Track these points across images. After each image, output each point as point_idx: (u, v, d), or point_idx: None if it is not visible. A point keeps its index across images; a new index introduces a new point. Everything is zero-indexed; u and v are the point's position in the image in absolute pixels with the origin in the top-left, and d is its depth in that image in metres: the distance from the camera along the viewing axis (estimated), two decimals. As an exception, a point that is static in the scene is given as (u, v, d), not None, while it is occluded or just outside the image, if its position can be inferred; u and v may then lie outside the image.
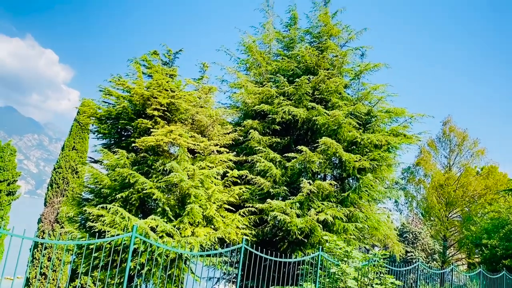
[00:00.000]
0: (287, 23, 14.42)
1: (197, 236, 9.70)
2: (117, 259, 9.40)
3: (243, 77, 12.88)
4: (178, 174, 9.49)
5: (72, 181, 23.75)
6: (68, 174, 24.09)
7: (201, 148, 10.67)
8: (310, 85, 12.00)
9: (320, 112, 11.49)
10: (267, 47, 13.90)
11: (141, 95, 10.54)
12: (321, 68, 12.39)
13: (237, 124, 12.58)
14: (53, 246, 22.12)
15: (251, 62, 13.49)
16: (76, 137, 24.69)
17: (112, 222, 9.40)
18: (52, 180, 24.34)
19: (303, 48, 12.44)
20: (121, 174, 9.78)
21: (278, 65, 12.88)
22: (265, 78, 13.04)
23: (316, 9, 13.68)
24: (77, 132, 24.58)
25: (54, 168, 24.91)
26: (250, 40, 13.48)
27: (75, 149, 24.56)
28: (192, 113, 11.21)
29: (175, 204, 9.96)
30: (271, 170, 11.04)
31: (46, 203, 24.02)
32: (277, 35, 14.04)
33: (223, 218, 10.57)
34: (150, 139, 9.82)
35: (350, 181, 12.23)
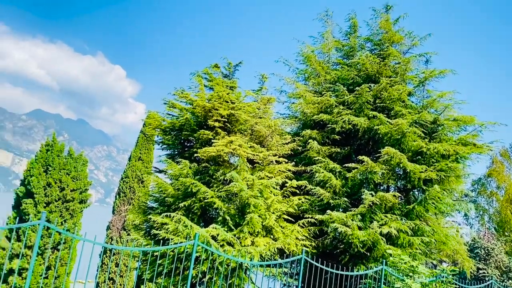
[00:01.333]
0: (347, 32, 14.22)
1: (257, 246, 9.73)
2: (180, 266, 9.65)
3: (302, 87, 12.85)
4: (238, 184, 9.61)
5: (138, 190, 24.85)
6: (135, 184, 25.25)
7: (260, 158, 10.75)
8: (371, 94, 11.71)
9: (382, 121, 11.15)
10: (326, 56, 13.79)
11: (203, 107, 10.85)
12: (382, 76, 12.06)
13: (295, 134, 12.54)
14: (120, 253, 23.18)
15: (309, 72, 13.43)
16: (142, 148, 25.88)
17: (176, 230, 9.68)
18: (119, 189, 25.63)
19: (364, 56, 12.19)
20: (184, 183, 10.08)
21: (338, 74, 12.72)
22: (324, 87, 12.92)
23: (377, 16, 13.38)
24: (142, 143, 25.76)
25: (121, 178, 26.23)
26: (308, 50, 13.44)
27: (141, 160, 25.73)
28: (251, 123, 11.34)
29: (235, 213, 10.08)
30: (330, 180, 10.86)
31: (114, 211, 25.31)
32: (336, 44, 13.89)
33: (282, 229, 10.53)
34: (211, 150, 10.05)
35: (415, 193, 11.71)
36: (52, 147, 19.30)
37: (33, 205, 18.13)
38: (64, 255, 18.87)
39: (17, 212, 18.34)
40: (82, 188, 19.71)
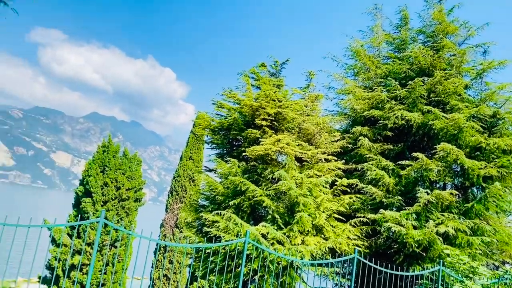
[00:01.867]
0: (397, 24, 13.74)
1: (307, 245, 9.64)
2: (231, 264, 9.75)
3: (351, 83, 12.57)
4: (286, 182, 9.56)
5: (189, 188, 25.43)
6: (186, 182, 25.87)
7: (308, 156, 10.63)
8: (425, 88, 11.25)
9: (438, 116, 10.67)
10: (376, 50, 13.40)
11: (250, 106, 10.89)
12: (436, 68, 11.54)
13: (345, 132, 12.29)
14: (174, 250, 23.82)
15: (359, 67, 13.11)
16: (192, 148, 26.46)
17: (226, 228, 9.79)
18: (172, 188, 26.36)
19: (416, 49, 11.73)
20: (233, 182, 10.18)
21: (389, 68, 12.32)
22: (374, 82, 12.56)
23: (429, 7, 12.83)
24: (193, 143, 26.33)
25: (173, 177, 26.97)
26: (357, 44, 13.12)
27: (191, 159, 26.31)
28: (298, 121, 11.24)
29: (284, 212, 10.04)
30: (383, 178, 10.54)
31: (167, 209, 26.06)
32: (386, 38, 13.47)
33: (333, 228, 10.36)
34: (259, 148, 10.06)
35: (474, 191, 11.12)
36: (108, 148, 20.16)
37: (92, 203, 19.03)
38: (121, 252, 19.65)
39: (77, 211, 19.33)
40: (137, 187, 20.44)
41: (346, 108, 12.62)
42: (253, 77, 12.29)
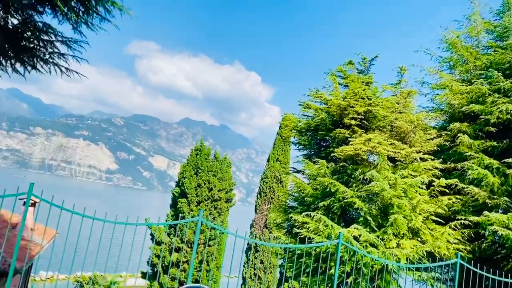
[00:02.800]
0: (499, 10, 12.57)
1: (403, 248, 9.22)
2: (322, 266, 9.66)
3: (447, 77, 11.77)
4: (379, 183, 9.23)
5: (277, 189, 25.73)
6: (274, 184, 26.20)
7: (402, 156, 10.16)
8: (533, 78, 10.17)
9: (550, 108, 9.59)
10: (474, 40, 12.41)
11: (338, 106, 10.71)
12: (547, 56, 10.37)
13: (441, 129, 11.53)
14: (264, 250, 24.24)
15: (455, 59, 12.23)
16: (279, 149, 26.73)
17: (316, 230, 9.72)
18: (260, 189, 26.87)
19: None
20: (322, 183, 10.08)
21: (490, 58, 11.32)
22: (473, 75, 11.63)
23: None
24: (279, 144, 26.59)
25: (261, 178, 27.48)
26: (453, 35, 12.25)
27: (278, 161, 26.60)
28: (390, 119, 10.80)
29: (377, 214, 9.71)
30: (486, 178, 9.70)
31: (256, 210, 26.64)
32: (486, 26, 12.40)
33: (431, 231, 9.78)
34: (348, 149, 9.85)
35: None
36: (200, 151, 21.17)
37: (187, 204, 20.11)
38: (214, 250, 20.49)
39: (174, 210, 20.56)
40: (227, 188, 21.19)
41: (442, 104, 11.84)
42: (340, 75, 12.07)
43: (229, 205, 21.11)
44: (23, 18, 6.97)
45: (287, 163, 26.50)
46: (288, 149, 26.73)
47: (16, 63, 7.27)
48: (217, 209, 20.36)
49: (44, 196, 5.96)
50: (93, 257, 7.10)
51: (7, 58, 7.10)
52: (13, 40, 6.97)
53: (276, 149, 26.86)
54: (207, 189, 20.13)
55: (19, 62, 7.25)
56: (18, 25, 6.99)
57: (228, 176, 21.45)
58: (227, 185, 20.98)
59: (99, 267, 23.63)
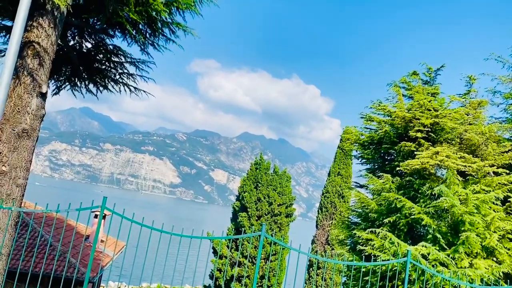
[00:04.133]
0: None
1: (476, 268, 8.63)
2: (388, 285, 9.28)
3: (523, 85, 11.02)
4: (448, 198, 8.74)
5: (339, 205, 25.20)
6: (335, 198, 25.71)
7: (473, 169, 9.57)
8: None
9: None
10: (552, 45, 11.54)
11: (403, 118, 10.35)
12: None
13: (519, 140, 10.76)
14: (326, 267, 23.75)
15: (531, 66, 11.43)
16: (340, 163, 26.25)
17: (381, 247, 9.38)
18: (321, 204, 26.47)
19: None
20: (387, 198, 9.74)
21: None
22: (553, 82, 10.79)
23: None
24: (340, 158, 26.12)
25: (322, 193, 27.08)
26: (528, 41, 11.48)
27: (339, 175, 26.10)
28: (459, 131, 10.25)
29: (446, 231, 9.18)
30: None
31: (318, 225, 26.20)
32: None
33: (508, 250, 9.08)
34: (414, 162, 9.46)
35: None
36: (260, 166, 21.30)
37: (247, 218, 20.25)
38: (275, 265, 20.38)
39: (234, 224, 20.78)
40: (287, 202, 21.09)
41: (518, 114, 11.07)
42: (404, 87, 11.70)
43: (290, 220, 20.96)
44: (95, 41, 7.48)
45: (349, 177, 25.91)
46: (350, 163, 26.15)
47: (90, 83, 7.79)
48: (277, 223, 20.29)
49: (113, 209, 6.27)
50: (160, 269, 7.35)
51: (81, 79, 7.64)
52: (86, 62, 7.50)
53: (337, 163, 26.40)
54: (267, 203, 20.16)
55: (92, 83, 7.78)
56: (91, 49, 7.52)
57: (288, 190, 21.35)
58: (287, 200, 20.88)
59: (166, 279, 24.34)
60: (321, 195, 26.86)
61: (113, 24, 7.31)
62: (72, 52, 7.42)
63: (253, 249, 19.05)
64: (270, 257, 20.07)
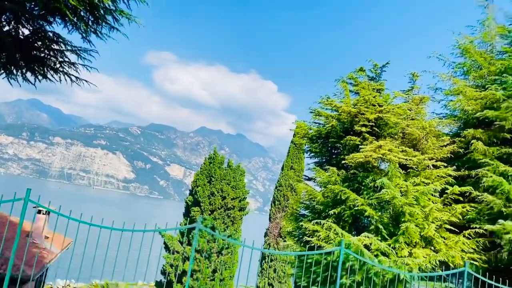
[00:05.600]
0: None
1: (415, 257, 9.03)
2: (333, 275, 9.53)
3: (460, 83, 11.59)
4: (390, 190, 9.09)
5: (291, 198, 25.57)
6: (288, 192, 26.06)
7: (413, 163, 10.00)
8: (550, 83, 9.94)
9: None
10: (488, 45, 12.20)
11: (348, 113, 10.63)
12: None
13: (455, 135, 11.33)
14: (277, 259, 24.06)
15: (469, 65, 12.04)
16: (293, 157, 26.62)
17: (327, 238, 9.62)
18: (274, 198, 26.75)
19: (537, 40, 10.43)
20: (332, 190, 9.99)
21: (504, 64, 11.11)
22: (487, 81, 11.42)
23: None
24: (293, 153, 26.49)
25: (275, 187, 27.38)
26: (466, 41, 12.07)
27: (292, 169, 26.47)
28: (402, 126, 10.67)
29: (388, 222, 9.55)
30: (501, 186, 9.46)
31: (271, 218, 26.48)
32: (500, 31, 12.18)
33: (444, 240, 9.57)
34: (358, 156, 9.75)
35: None
36: (214, 160, 21.21)
37: (200, 212, 20.13)
38: (228, 259, 20.42)
39: (187, 219, 20.59)
40: (241, 196, 21.14)
41: (456, 110, 11.63)
42: (351, 82, 12.00)
43: (243, 214, 21.05)
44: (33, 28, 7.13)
45: (302, 171, 26.34)
46: (302, 157, 26.58)
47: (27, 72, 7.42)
48: (230, 217, 20.32)
49: (62, 204, 6.02)
50: (111, 266, 7.15)
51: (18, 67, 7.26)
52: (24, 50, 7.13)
53: (290, 157, 26.76)
54: (220, 198, 20.14)
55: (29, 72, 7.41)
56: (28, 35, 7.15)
57: (242, 184, 21.42)
58: (240, 194, 20.95)
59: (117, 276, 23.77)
60: (275, 189, 27.17)
61: (52, 9, 6.99)
62: (7, 38, 7.03)
63: (205, 243, 18.99)
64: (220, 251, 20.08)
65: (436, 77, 11.98)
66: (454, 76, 12.20)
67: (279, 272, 23.74)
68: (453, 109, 11.65)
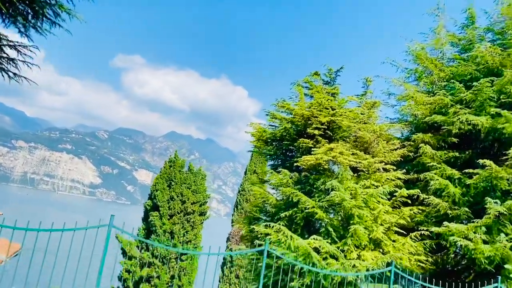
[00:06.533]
0: (463, 24, 12.79)
1: (364, 260, 9.08)
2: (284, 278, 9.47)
3: (411, 88, 11.84)
4: (339, 193, 9.13)
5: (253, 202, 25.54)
6: (250, 196, 25.96)
7: (364, 166, 10.10)
8: (493, 89, 10.27)
9: (508, 119, 9.66)
10: (439, 52, 12.56)
11: (302, 115, 10.65)
12: (507, 68, 10.50)
13: (406, 139, 11.56)
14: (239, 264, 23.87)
15: (420, 71, 12.34)
16: (256, 161, 26.57)
17: (278, 241, 9.54)
18: (237, 202, 26.61)
19: (482, 48, 10.79)
20: (284, 193, 9.94)
21: (453, 70, 11.45)
22: (437, 86, 11.74)
23: (498, 2, 11.79)
24: (256, 156, 26.42)
25: (238, 191, 27.26)
26: (418, 47, 12.38)
27: (255, 173, 26.41)
28: (354, 130, 10.78)
29: (339, 224, 9.59)
30: (447, 189, 9.69)
31: (233, 223, 26.31)
32: (451, 38, 12.57)
33: (393, 242, 9.68)
34: (310, 158, 9.76)
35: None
36: (174, 163, 20.88)
37: (159, 217, 19.73)
38: (188, 265, 20.09)
39: (145, 224, 20.14)
40: (202, 201, 20.88)
41: (407, 115, 11.90)
42: (307, 86, 12.05)
43: (203, 218, 20.78)
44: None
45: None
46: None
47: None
48: (189, 222, 20.02)
49: (23, 210, 5.66)
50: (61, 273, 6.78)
51: None
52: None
53: (253, 161, 26.72)
54: (180, 202, 19.82)
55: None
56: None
57: (203, 188, 21.16)
58: (201, 198, 20.69)
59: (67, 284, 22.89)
60: (238, 193, 27.03)
61: (-14, 2, 6.66)
62: None
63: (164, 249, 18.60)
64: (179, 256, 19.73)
65: (389, 82, 12.21)
66: (407, 82, 12.49)
67: (241, 278, 23.57)
68: (404, 113, 11.91)
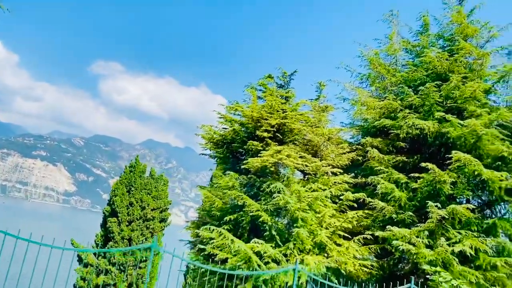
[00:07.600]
0: (418, 31, 12.92)
1: (307, 264, 8.90)
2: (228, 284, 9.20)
3: (364, 93, 11.84)
4: (283, 196, 8.96)
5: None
6: (215, 203, 25.70)
7: (312, 169, 9.98)
8: (441, 94, 10.35)
9: (454, 124, 9.71)
10: (392, 58, 12.61)
11: (251, 117, 10.49)
12: (455, 73, 10.60)
13: (358, 144, 11.52)
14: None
15: (373, 76, 12.37)
16: (222, 168, 26.31)
17: (222, 245, 9.29)
18: (202, 209, 26.22)
19: (431, 53, 10.87)
20: (230, 196, 9.72)
21: (404, 75, 11.50)
22: (389, 91, 11.76)
23: (448, 9, 11.96)
24: (221, 163, 26.23)
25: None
26: (372, 52, 12.42)
27: (221, 180, 26.14)
28: (304, 133, 10.67)
29: (283, 228, 9.41)
30: (393, 192, 9.64)
31: (198, 230, 25.92)
32: (405, 45, 12.66)
33: (338, 246, 9.55)
34: (256, 161, 9.59)
35: (499, 206, 9.91)
36: (135, 168, 20.40)
37: (117, 223, 19.18)
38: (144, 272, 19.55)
39: (104, 231, 19.56)
40: (162, 207, 20.43)
41: (359, 119, 11.88)
42: (261, 89, 11.93)
43: (164, 225, 20.32)
44: None
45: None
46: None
47: None
48: (149, 229, 19.53)
49: None
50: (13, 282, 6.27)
51: None
52: None
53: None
54: (139, 208, 19.35)
55: None
56: None
57: (164, 194, 20.72)
58: (162, 204, 20.25)
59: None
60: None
61: None
62: None
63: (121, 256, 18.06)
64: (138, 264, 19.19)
65: (342, 87, 12.18)
66: (360, 87, 12.49)
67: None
68: (356, 118, 11.88)
